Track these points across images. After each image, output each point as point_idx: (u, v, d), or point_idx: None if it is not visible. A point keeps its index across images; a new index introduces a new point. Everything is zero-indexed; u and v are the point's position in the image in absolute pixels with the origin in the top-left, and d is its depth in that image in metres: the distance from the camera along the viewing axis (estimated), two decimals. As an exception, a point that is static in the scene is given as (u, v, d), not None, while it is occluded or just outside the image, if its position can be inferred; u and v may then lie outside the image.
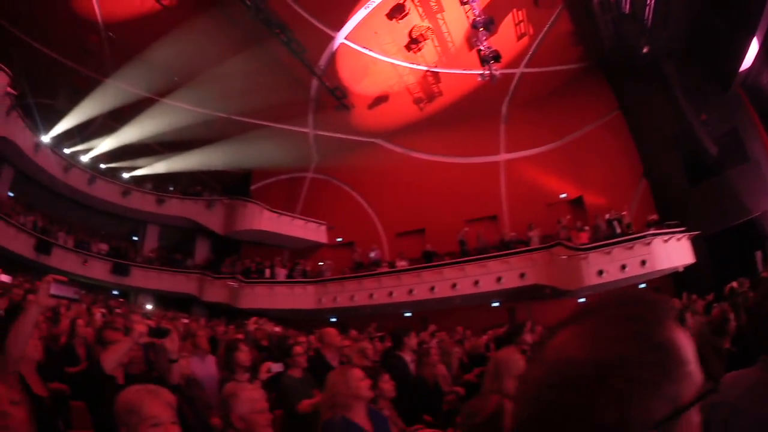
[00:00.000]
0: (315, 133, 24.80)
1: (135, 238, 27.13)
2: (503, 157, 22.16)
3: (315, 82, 22.17)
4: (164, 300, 24.01)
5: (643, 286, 16.19)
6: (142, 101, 22.72)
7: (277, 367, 4.99)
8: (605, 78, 20.63)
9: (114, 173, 25.49)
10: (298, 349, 5.17)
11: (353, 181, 25.43)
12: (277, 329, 12.60)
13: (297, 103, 22.97)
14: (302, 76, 21.61)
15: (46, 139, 22.04)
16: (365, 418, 3.26)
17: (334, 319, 21.84)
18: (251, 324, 8.48)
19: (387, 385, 4.19)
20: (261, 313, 19.96)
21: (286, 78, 21.54)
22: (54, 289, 2.61)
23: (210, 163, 25.14)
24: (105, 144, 24.70)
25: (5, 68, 16.70)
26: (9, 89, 17.63)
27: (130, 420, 1.86)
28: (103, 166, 25.29)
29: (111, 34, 20.84)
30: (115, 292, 23.00)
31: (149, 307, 21.61)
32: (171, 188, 26.27)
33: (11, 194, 21.84)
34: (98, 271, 22.40)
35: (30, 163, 21.05)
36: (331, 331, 6.08)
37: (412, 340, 6.76)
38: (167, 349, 3.60)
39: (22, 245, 19.74)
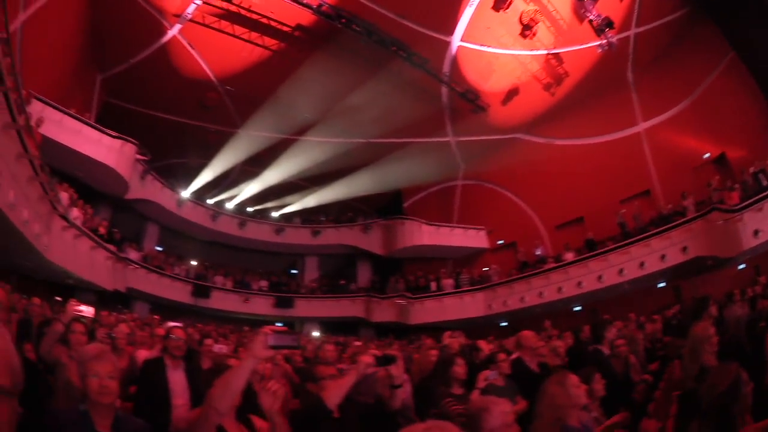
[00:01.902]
0: (456, 141, 23.73)
1: (294, 271, 27.75)
2: (642, 126, 20.13)
3: (445, 90, 21.26)
4: (330, 326, 24.36)
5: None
6: (278, 143, 22.96)
7: (494, 376, 4.87)
8: (711, 20, 18.31)
9: (263, 214, 26.12)
10: (502, 356, 5.11)
11: (503, 181, 24.08)
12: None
13: (432, 115, 22.04)
14: (431, 87, 20.91)
15: (186, 194, 22.83)
16: (577, 420, 3.19)
17: (504, 324, 21.32)
18: (446, 337, 7.96)
19: (599, 385, 4.15)
20: (432, 327, 19.93)
21: (415, 93, 20.89)
22: (273, 340, 2.39)
23: (358, 190, 24.86)
24: (249, 189, 25.18)
25: (130, 139, 17.27)
26: (138, 156, 18.38)
27: None
28: (250, 209, 25.99)
29: (228, 87, 21.01)
30: (279, 324, 23.35)
31: (316, 333, 21.93)
32: (323, 219, 26.43)
33: (159, 248, 23.19)
34: (260, 306, 23.14)
35: (174, 218, 22.43)
36: (528, 334, 5.81)
37: (611, 333, 6.36)
38: (393, 375, 3.52)
39: (178, 293, 21.22)
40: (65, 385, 3.48)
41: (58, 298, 12.56)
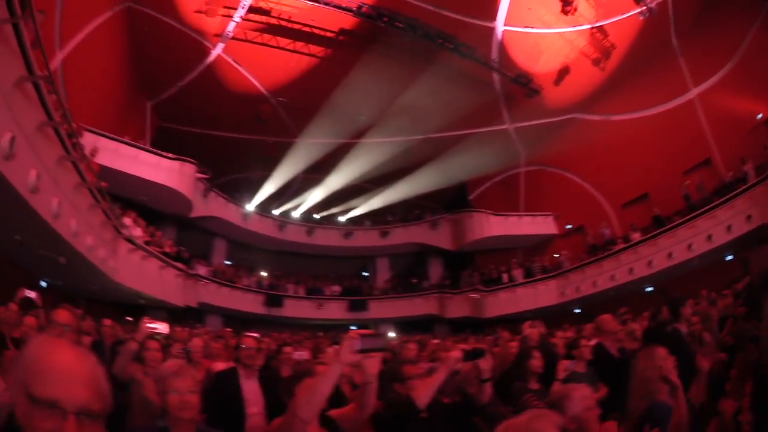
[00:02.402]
0: (514, 127, 23.19)
1: (365, 274, 27.84)
2: (694, 92, 18.90)
3: (496, 77, 20.94)
4: (404, 326, 24.06)
5: None
6: (338, 148, 23.11)
7: (573, 365, 4.88)
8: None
9: (330, 219, 26.31)
10: (584, 341, 5.05)
11: (565, 163, 23.25)
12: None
13: (488, 104, 21.71)
14: (482, 75, 20.62)
15: (251, 207, 23.25)
16: (666, 394, 3.12)
17: (578, 311, 20.69)
18: (526, 327, 7.70)
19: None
20: (507, 319, 19.64)
21: (468, 83, 20.58)
22: (360, 344, 2.36)
23: (423, 186, 24.61)
24: (314, 196, 25.44)
25: (189, 159, 17.70)
26: (199, 175, 18.78)
27: None
28: (316, 216, 26.19)
29: (281, 99, 21.34)
30: (353, 327, 23.49)
31: (392, 334, 21.79)
32: (390, 219, 26.33)
33: (229, 262, 23.72)
34: (334, 311, 23.27)
35: (241, 232, 22.87)
36: (608, 318, 5.66)
37: (687, 310, 6.19)
38: (482, 369, 3.52)
39: (251, 304, 21.57)
40: (141, 403, 3.54)
41: (129, 318, 13.03)
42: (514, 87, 21.00)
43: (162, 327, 8.93)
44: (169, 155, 16.92)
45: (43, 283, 13.16)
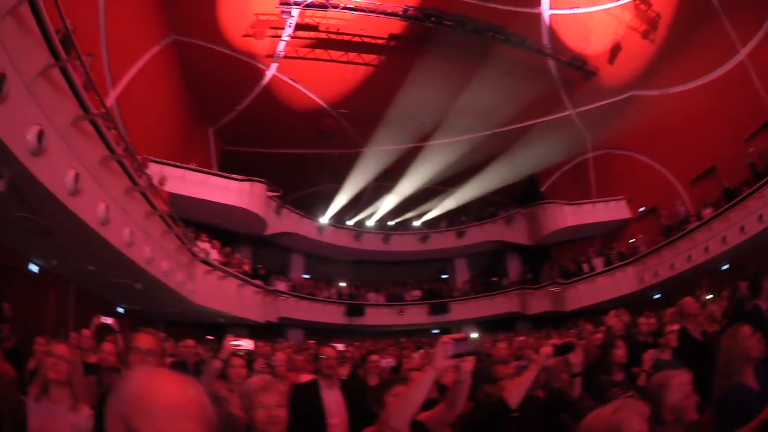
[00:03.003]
0: (576, 112, 22.53)
1: (445, 276, 27.66)
2: (743, 53, 17.56)
3: (551, 63, 20.51)
4: (486, 325, 23.70)
5: None
6: (406, 154, 23.19)
7: (658, 353, 4.77)
8: None
9: (405, 225, 26.33)
10: (669, 327, 4.98)
11: (631, 144, 22.12)
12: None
13: (547, 92, 21.21)
14: (537, 64, 20.31)
15: (325, 220, 23.57)
16: (753, 378, 2.99)
17: (657, 296, 19.69)
18: (611, 317, 7.36)
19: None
20: (588, 311, 18.92)
21: (524, 73, 20.25)
22: (453, 349, 2.36)
23: (494, 183, 24.26)
24: (387, 203, 25.59)
25: (257, 179, 18.06)
26: (270, 193, 19.15)
27: None
28: (391, 222, 26.33)
29: (342, 111, 21.62)
30: (435, 331, 23.32)
31: (474, 335, 21.49)
32: (464, 219, 26.01)
33: (307, 276, 24.20)
34: (415, 316, 23.19)
35: (317, 245, 23.17)
36: (690, 301, 5.64)
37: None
38: (572, 364, 3.53)
39: (331, 315, 21.88)
40: (227, 420, 3.57)
41: (210, 338, 13.53)
42: (571, 71, 20.51)
43: (246, 343, 9.18)
44: (238, 177, 17.41)
45: (120, 309, 13.78)
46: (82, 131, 7.51)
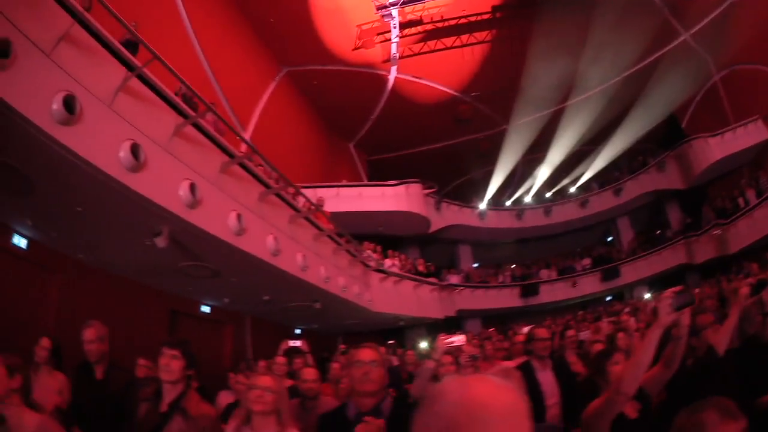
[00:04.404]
0: (690, 34, 19.91)
1: (609, 239, 26.02)
2: None
3: None
4: (656, 283, 21.37)
5: None
6: (549, 122, 22.27)
7: None
8: None
9: (562, 194, 25.21)
10: None
11: (753, 54, 18.86)
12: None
13: (658, 23, 19.23)
14: None
15: (483, 206, 23.13)
16: None
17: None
18: None
19: None
20: (750, 251, 16.96)
21: (631, 8, 18.42)
22: (676, 302, 2.27)
23: (636, 131, 22.38)
24: (540, 175, 24.74)
25: (410, 180, 18.00)
26: (426, 191, 19.14)
27: None
28: (548, 194, 25.36)
29: (473, 94, 21.18)
30: (608, 298, 22.07)
31: (647, 296, 19.55)
32: (617, 175, 24.33)
33: (476, 265, 23.88)
34: (588, 286, 21.76)
35: (481, 232, 22.85)
36: None
37: None
38: (765, 302, 3.48)
39: (506, 299, 21.23)
40: None
41: (391, 342, 13.66)
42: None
43: (458, 339, 8.94)
44: (391, 183, 17.60)
45: (298, 331, 14.44)
46: (233, 175, 7.85)
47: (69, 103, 4.85)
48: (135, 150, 5.64)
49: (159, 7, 12.23)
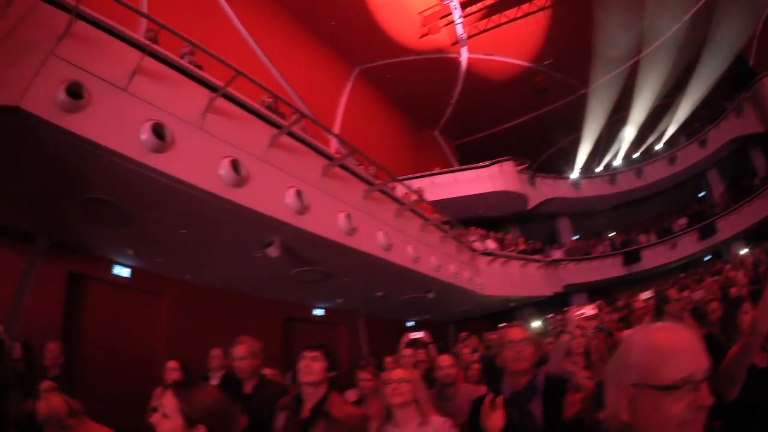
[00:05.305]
0: None
1: (701, 195, 24.03)
2: None
3: None
4: (753, 236, 19.40)
5: None
6: (627, 79, 21.09)
7: None
8: None
9: (650, 153, 23.88)
10: None
11: None
12: None
13: None
14: None
15: (575, 175, 22.37)
16: None
17: None
18: None
19: None
20: None
21: None
22: None
23: (710, 77, 20.80)
24: (626, 136, 23.58)
25: (502, 159, 17.59)
26: (519, 168, 18.62)
27: None
28: (635, 155, 24.17)
29: (546, 62, 20.33)
30: (707, 258, 20.50)
31: (744, 251, 17.95)
32: (698, 125, 22.64)
33: (576, 237, 22.93)
34: (687, 247, 20.19)
35: (577, 203, 22.12)
36: None
37: None
38: None
39: (610, 269, 20.23)
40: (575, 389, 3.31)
41: (502, 325, 13.16)
42: None
43: (588, 309, 8.57)
44: (483, 164, 17.27)
45: (410, 324, 14.30)
46: (335, 177, 7.75)
47: (158, 131, 4.92)
48: (236, 165, 5.67)
49: (220, 32, 12.43)
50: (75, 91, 4.28)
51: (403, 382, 2.72)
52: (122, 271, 7.57)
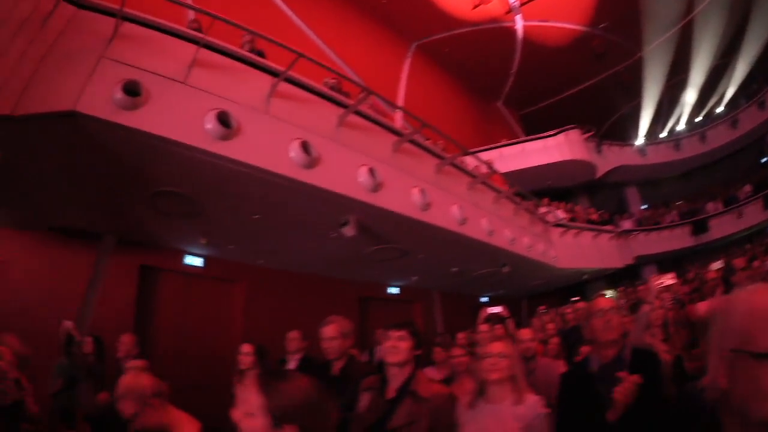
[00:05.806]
0: None
1: (764, 160, 22.12)
2: None
3: None
4: None
5: None
6: (681, 38, 20.01)
7: None
8: None
9: (711, 116, 22.71)
10: None
11: None
12: None
13: None
14: None
15: (641, 141, 21.54)
16: None
17: None
18: None
19: None
20: None
21: None
22: None
23: (763, 33, 19.54)
24: (687, 100, 22.54)
25: (568, 127, 17.10)
26: (585, 136, 18.03)
27: None
28: (698, 119, 23.11)
29: (602, 25, 19.42)
30: None
31: None
32: (756, 87, 20.99)
33: (645, 207, 21.93)
34: (754, 215, 18.53)
35: (644, 170, 21.18)
36: None
37: None
38: None
39: (679, 240, 19.04)
40: None
41: (575, 299, 12.67)
42: None
43: (668, 279, 8.12)
44: (549, 133, 16.81)
45: (484, 299, 14.01)
46: (406, 153, 7.59)
47: (224, 119, 4.93)
48: (306, 147, 5.64)
49: (271, 20, 12.30)
50: (132, 89, 4.35)
51: (502, 357, 2.60)
52: (194, 261, 7.73)
